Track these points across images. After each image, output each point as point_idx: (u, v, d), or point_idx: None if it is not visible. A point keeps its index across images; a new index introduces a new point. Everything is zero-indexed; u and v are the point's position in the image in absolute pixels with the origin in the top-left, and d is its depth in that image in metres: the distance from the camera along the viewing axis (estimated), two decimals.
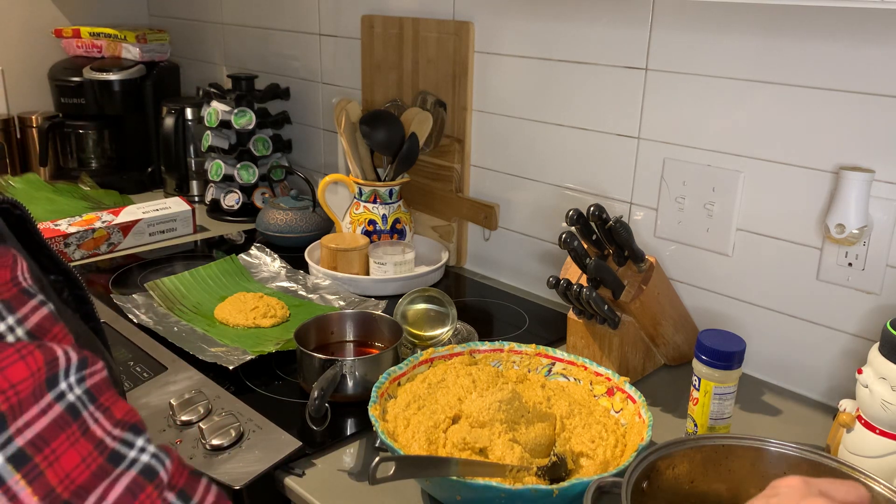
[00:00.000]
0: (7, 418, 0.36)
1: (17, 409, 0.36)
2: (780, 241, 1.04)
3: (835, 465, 0.74)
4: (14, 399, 0.36)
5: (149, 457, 0.41)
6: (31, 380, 0.37)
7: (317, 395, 0.91)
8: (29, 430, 0.37)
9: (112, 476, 0.39)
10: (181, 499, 0.42)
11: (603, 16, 1.18)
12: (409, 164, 1.42)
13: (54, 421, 0.38)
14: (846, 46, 0.93)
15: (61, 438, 0.38)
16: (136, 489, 0.39)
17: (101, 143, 1.99)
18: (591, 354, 1.08)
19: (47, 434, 0.37)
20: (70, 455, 0.38)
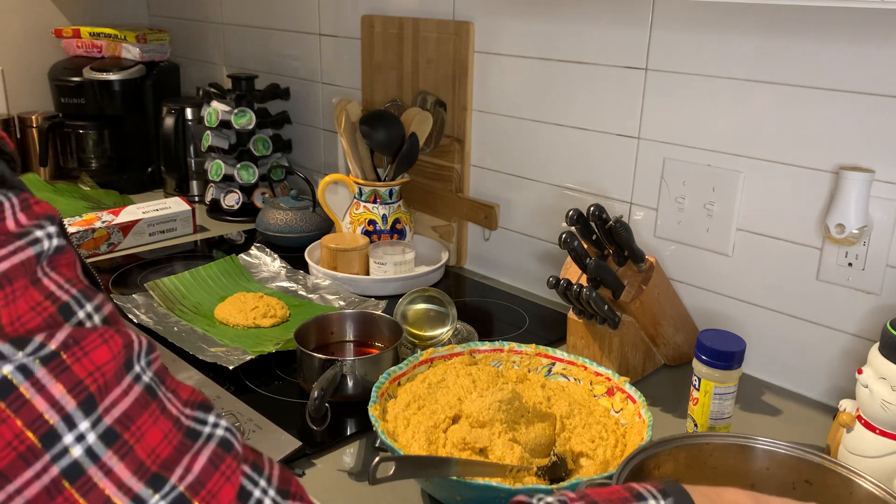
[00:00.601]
0: (96, 398, 0.38)
1: (104, 389, 0.39)
2: (780, 241, 1.04)
3: (817, 460, 0.74)
4: (101, 380, 0.39)
5: (223, 430, 0.44)
6: (113, 362, 0.40)
7: (317, 395, 0.91)
8: (115, 408, 0.39)
9: (193, 449, 0.42)
10: (255, 471, 0.44)
11: (603, 16, 1.18)
12: (409, 164, 1.42)
13: (136, 400, 0.40)
14: (846, 46, 0.93)
15: (144, 416, 0.40)
16: (217, 460, 0.42)
17: (101, 143, 1.98)
18: (591, 354, 1.08)
19: (132, 412, 0.40)
20: (153, 432, 0.40)
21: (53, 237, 0.41)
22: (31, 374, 0.37)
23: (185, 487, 0.40)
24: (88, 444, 0.38)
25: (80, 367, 0.39)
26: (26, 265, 0.39)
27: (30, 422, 0.37)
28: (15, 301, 0.38)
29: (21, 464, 0.37)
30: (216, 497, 0.41)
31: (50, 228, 0.41)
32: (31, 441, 0.37)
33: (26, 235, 0.40)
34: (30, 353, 0.37)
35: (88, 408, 0.38)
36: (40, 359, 0.38)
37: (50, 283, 0.40)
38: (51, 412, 0.37)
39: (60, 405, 0.38)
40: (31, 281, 0.39)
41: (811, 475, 0.74)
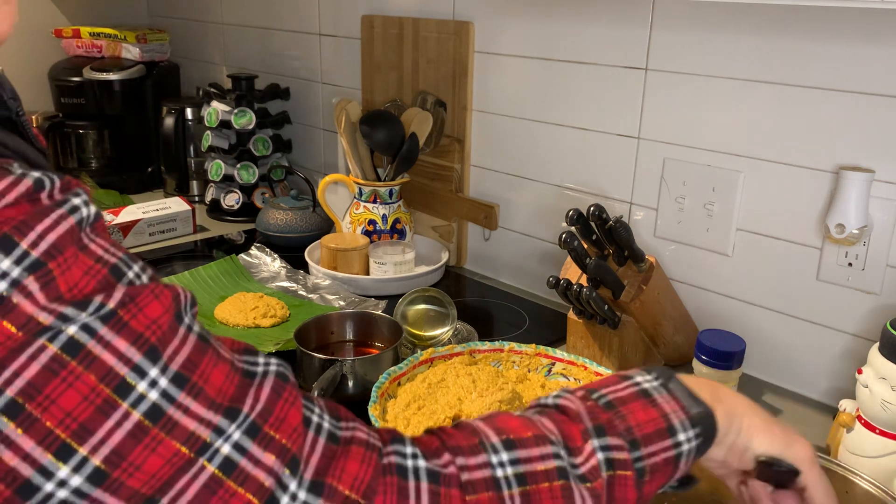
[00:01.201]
0: (159, 348, 0.41)
1: (164, 340, 0.42)
2: (780, 241, 1.04)
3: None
4: (159, 332, 0.42)
5: (275, 366, 0.47)
6: (166, 315, 0.42)
7: (317, 395, 0.91)
8: (178, 355, 0.42)
9: (255, 384, 0.45)
10: (308, 400, 0.48)
11: (603, 16, 1.18)
12: (409, 164, 1.42)
13: (194, 347, 0.43)
14: (846, 46, 0.93)
15: (205, 361, 0.43)
16: (280, 389, 0.46)
17: (101, 143, 1.98)
18: (591, 354, 1.08)
19: (194, 358, 0.43)
20: (216, 374, 0.43)
21: (90, 204, 0.43)
22: (95, 332, 0.39)
23: (256, 415, 0.43)
24: (162, 388, 0.41)
25: (137, 322, 0.41)
26: (72, 233, 0.41)
27: (102, 376, 0.39)
28: (70, 269, 0.40)
29: (100, 416, 0.39)
30: (285, 422, 0.44)
31: (85, 196, 0.43)
32: (107, 393, 0.39)
33: (64, 204, 0.41)
34: (91, 313, 0.40)
35: (154, 357, 0.41)
36: (100, 318, 0.40)
37: (97, 247, 0.42)
38: (119, 364, 0.40)
39: (127, 357, 0.40)
40: (79, 248, 0.41)
41: None
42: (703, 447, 0.54)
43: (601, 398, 0.54)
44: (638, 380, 0.56)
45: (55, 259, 0.40)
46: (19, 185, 0.40)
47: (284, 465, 0.43)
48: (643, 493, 0.52)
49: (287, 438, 0.44)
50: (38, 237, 0.39)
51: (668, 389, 0.55)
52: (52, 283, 0.39)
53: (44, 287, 0.39)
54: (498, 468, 0.48)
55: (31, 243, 0.39)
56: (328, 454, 0.45)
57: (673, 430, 0.53)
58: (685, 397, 0.55)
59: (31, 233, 0.39)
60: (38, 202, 0.40)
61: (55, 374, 0.38)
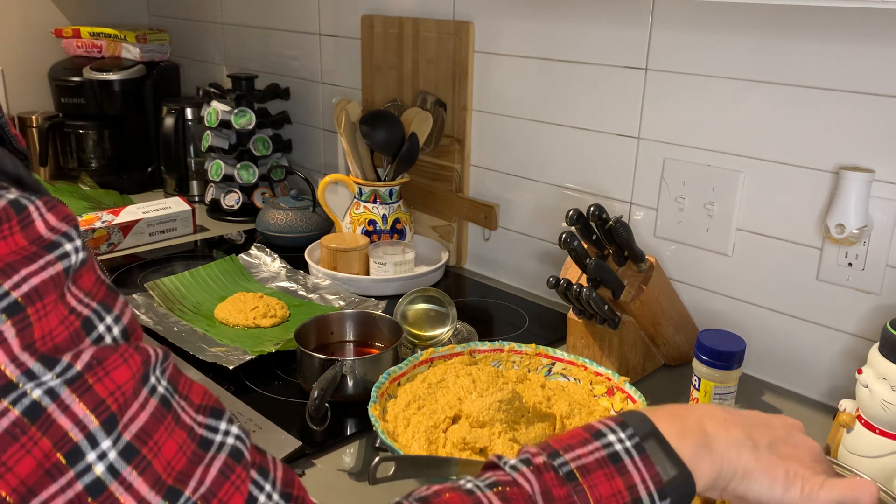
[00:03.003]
0: (117, 416, 0.40)
1: (124, 407, 0.41)
2: (780, 241, 1.04)
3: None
4: (121, 399, 0.41)
5: (233, 439, 0.45)
6: (132, 381, 0.41)
7: (317, 395, 0.91)
8: (133, 424, 0.41)
9: (206, 461, 0.43)
10: (261, 475, 0.45)
11: (603, 16, 1.18)
12: (409, 164, 1.42)
13: (152, 414, 0.42)
14: (846, 46, 0.93)
15: (160, 430, 0.42)
16: (228, 471, 0.44)
17: (101, 143, 1.99)
18: (591, 354, 1.08)
19: (149, 427, 0.41)
20: (169, 444, 0.42)
21: (80, 250, 0.42)
22: (57, 396, 0.39)
23: (198, 498, 0.42)
24: (110, 461, 0.40)
25: (101, 387, 0.40)
26: (56, 280, 0.40)
27: (56, 440, 0.39)
28: (47, 316, 0.40)
29: (48, 479, 0.38)
30: None
31: (77, 241, 0.42)
32: (58, 458, 0.39)
33: (56, 248, 0.41)
34: (58, 375, 0.39)
35: (110, 426, 0.40)
36: (66, 381, 0.39)
37: (72, 298, 0.41)
38: (75, 430, 0.39)
39: (83, 424, 0.39)
40: (59, 295, 0.41)
41: None
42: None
43: (563, 466, 0.49)
44: (610, 439, 0.50)
45: (34, 304, 0.39)
46: None
47: None
48: None
49: None
50: (21, 280, 0.39)
51: (643, 450, 0.50)
52: (28, 329, 0.39)
53: (19, 333, 0.38)
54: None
55: (14, 285, 0.39)
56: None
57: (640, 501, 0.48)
58: (661, 459, 0.50)
59: (15, 276, 0.39)
60: (31, 232, 0.40)
61: (15, 439, 0.38)
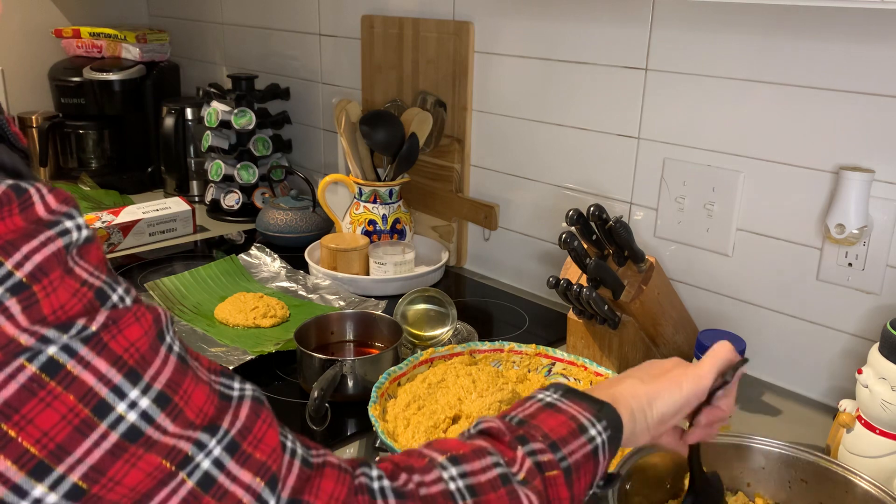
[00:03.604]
0: (138, 370, 0.41)
1: (143, 362, 0.42)
2: (780, 241, 1.04)
3: (812, 458, 0.74)
4: (136, 355, 0.42)
5: (251, 391, 0.48)
6: (145, 337, 0.42)
7: (317, 395, 0.91)
8: (161, 375, 0.42)
9: (233, 406, 0.46)
10: (282, 427, 0.48)
11: (603, 16, 1.18)
12: (409, 164, 1.42)
13: (175, 368, 0.43)
14: (846, 46, 0.93)
15: (186, 381, 0.44)
16: (258, 410, 0.46)
17: (101, 143, 1.99)
18: (591, 354, 1.08)
19: (176, 378, 0.43)
20: (197, 394, 0.44)
21: (83, 228, 0.43)
22: (76, 353, 0.39)
23: (236, 432, 0.44)
24: (142, 409, 0.41)
25: (116, 344, 0.41)
26: (58, 256, 0.41)
27: (81, 395, 0.39)
28: (55, 291, 0.40)
29: (78, 436, 0.39)
30: (263, 441, 0.45)
31: (79, 219, 0.43)
32: (86, 414, 0.39)
33: (56, 225, 0.41)
34: (73, 335, 0.40)
35: (134, 378, 0.41)
36: (81, 339, 0.40)
37: (82, 271, 0.42)
38: (99, 385, 0.40)
39: (107, 378, 0.40)
40: (64, 270, 0.41)
41: (806, 474, 0.75)
42: (614, 437, 0.59)
43: (513, 419, 0.58)
44: (539, 396, 0.60)
45: (40, 281, 0.39)
46: None
47: (264, 482, 0.44)
48: (574, 493, 0.55)
49: (267, 457, 0.45)
50: (23, 258, 0.39)
51: (569, 397, 0.60)
52: (36, 305, 0.39)
53: (26, 309, 0.39)
54: (450, 482, 0.51)
55: (16, 264, 0.39)
56: (303, 476, 0.46)
57: (583, 428, 0.57)
58: (585, 400, 0.60)
59: (16, 253, 0.39)
60: (31, 214, 0.40)
61: (33, 394, 0.38)
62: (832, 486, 0.73)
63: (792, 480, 0.76)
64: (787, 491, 0.76)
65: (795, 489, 0.76)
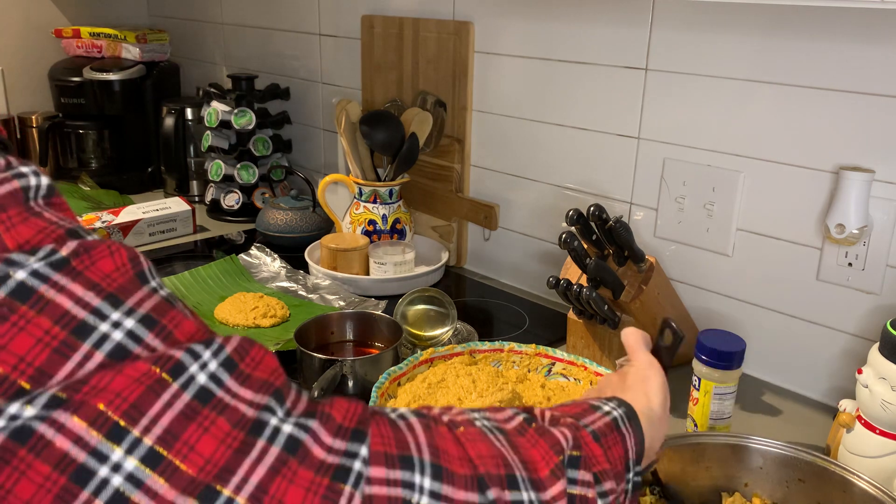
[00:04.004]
0: (118, 296, 0.39)
1: (122, 290, 0.39)
2: (780, 241, 1.04)
3: (809, 458, 0.75)
4: (114, 285, 0.39)
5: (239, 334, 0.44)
6: (117, 272, 0.40)
7: (317, 395, 0.91)
8: (146, 303, 0.40)
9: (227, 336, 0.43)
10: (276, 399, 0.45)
11: (603, 16, 1.18)
12: (409, 164, 1.42)
13: (160, 302, 0.41)
14: (846, 46, 0.93)
15: (173, 312, 0.41)
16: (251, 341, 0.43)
17: (101, 143, 1.98)
18: (591, 354, 1.08)
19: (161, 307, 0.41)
20: (186, 323, 0.42)
21: (42, 176, 0.41)
22: (48, 278, 0.37)
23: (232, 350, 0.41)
24: (128, 328, 0.38)
25: (91, 273, 0.39)
26: (15, 195, 0.39)
27: (57, 318, 0.37)
28: (15, 227, 0.38)
29: (58, 358, 0.36)
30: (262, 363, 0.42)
31: (41, 174, 0.41)
32: (64, 335, 0.37)
33: (10, 169, 0.40)
34: (41, 258, 0.37)
35: (115, 302, 0.39)
36: (51, 264, 0.37)
37: (50, 215, 0.40)
38: (77, 308, 0.37)
39: (85, 301, 0.38)
40: (26, 210, 0.39)
41: (804, 473, 0.75)
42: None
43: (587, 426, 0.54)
44: (606, 409, 0.57)
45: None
46: None
47: (268, 395, 0.41)
48: (608, 455, 0.53)
49: (269, 375, 0.42)
50: None
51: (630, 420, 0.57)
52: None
53: None
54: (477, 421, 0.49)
55: None
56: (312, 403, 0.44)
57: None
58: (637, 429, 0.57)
59: None
60: None
61: (4, 319, 0.36)
62: (830, 485, 0.73)
63: (790, 480, 0.76)
64: (785, 491, 0.76)
65: (793, 489, 0.76)
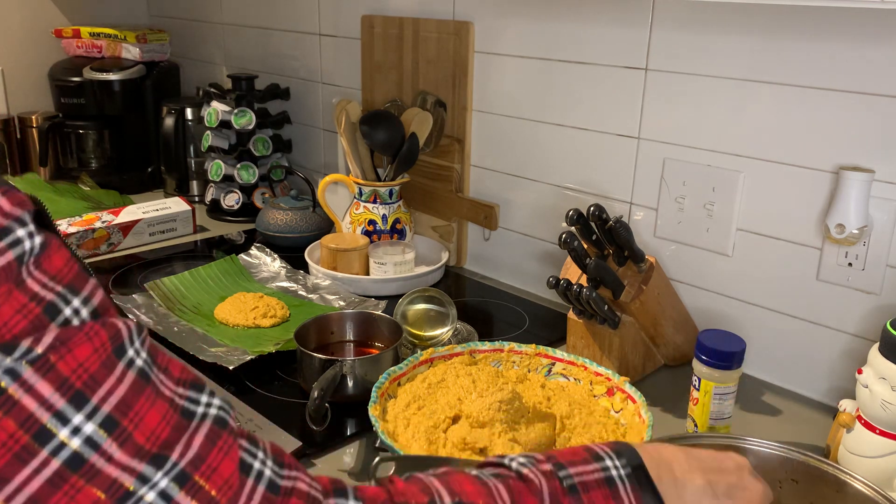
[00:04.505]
0: (86, 393, 0.39)
1: (92, 382, 0.40)
2: (780, 241, 1.04)
3: (802, 458, 0.75)
4: (85, 375, 0.40)
5: (216, 409, 0.45)
6: (95, 356, 0.40)
7: (317, 395, 0.91)
8: (112, 396, 0.40)
9: (191, 428, 0.43)
10: (252, 444, 0.46)
11: (603, 16, 1.18)
12: (409, 164, 1.42)
13: (131, 387, 0.41)
14: (846, 46, 0.93)
15: (141, 401, 0.42)
16: (215, 437, 0.44)
17: (101, 143, 1.98)
18: (591, 354, 1.08)
19: (128, 399, 0.41)
20: (151, 414, 0.42)
21: (35, 235, 0.41)
22: (19, 376, 0.38)
23: (186, 463, 0.42)
24: (87, 435, 0.39)
25: (64, 365, 0.39)
26: (7, 270, 0.39)
27: (22, 421, 0.38)
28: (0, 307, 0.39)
29: (18, 463, 0.38)
30: (217, 471, 0.43)
31: (31, 226, 0.41)
32: (26, 440, 0.38)
33: (7, 234, 0.40)
34: (18, 357, 0.38)
35: (80, 402, 0.39)
36: (28, 361, 0.38)
37: (34, 283, 0.40)
38: (41, 410, 0.38)
39: (50, 403, 0.39)
40: (15, 284, 0.39)
41: (798, 474, 0.74)
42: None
43: (567, 479, 0.52)
44: (607, 464, 0.54)
45: None
46: None
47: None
48: None
49: (217, 490, 0.42)
50: None
51: (634, 480, 0.54)
52: None
53: None
54: None
55: None
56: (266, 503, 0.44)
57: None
58: (647, 492, 0.54)
59: None
60: None
61: None
62: (824, 486, 0.73)
63: (783, 481, 0.76)
64: (779, 491, 0.76)
65: (787, 489, 0.75)
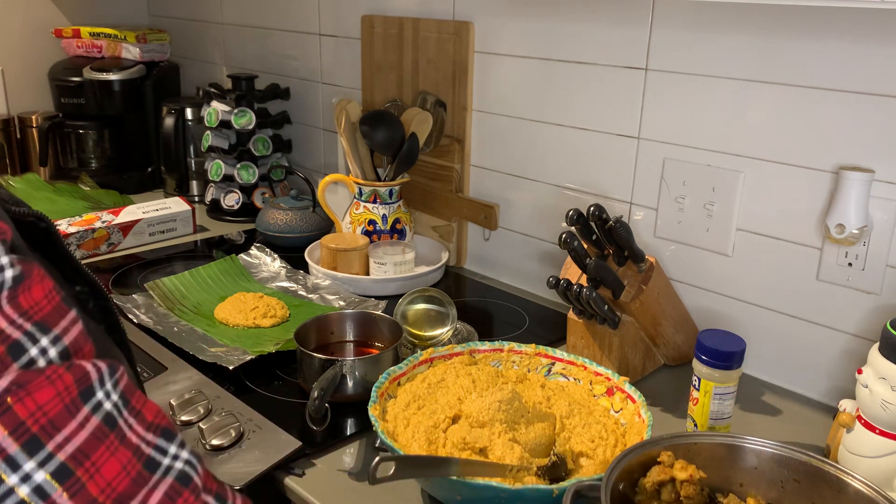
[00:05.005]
0: (41, 438, 0.38)
1: (49, 428, 0.38)
2: (780, 241, 1.04)
3: (804, 458, 0.74)
4: (43, 420, 0.38)
5: (182, 463, 0.43)
6: (56, 399, 0.39)
7: (317, 395, 0.91)
8: (69, 444, 0.39)
9: (151, 483, 0.41)
10: (219, 500, 0.44)
11: (603, 16, 1.18)
12: (409, 164, 1.42)
13: (92, 433, 0.40)
14: (846, 46, 0.93)
15: (101, 449, 0.40)
16: (174, 494, 0.42)
17: (101, 143, 1.98)
18: (591, 354, 1.08)
19: (87, 447, 0.39)
20: (111, 464, 0.40)
21: (6, 268, 0.40)
22: None
23: None
24: (37, 483, 0.38)
25: (21, 408, 0.38)
26: None
27: None
28: None
29: None
30: None
31: (4, 258, 0.40)
32: None
33: None
34: None
35: (33, 448, 0.38)
36: None
37: (2, 319, 0.39)
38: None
39: (1, 447, 0.37)
40: None
41: (799, 473, 0.74)
42: None
43: None
44: None
45: None
46: None
47: None
48: None
49: None
50: None
51: None
52: None
53: None
54: None
55: None
56: None
57: None
58: None
59: None
60: None
61: None
62: (824, 485, 0.73)
63: (784, 480, 0.76)
64: (780, 491, 0.76)
65: (788, 489, 0.75)
